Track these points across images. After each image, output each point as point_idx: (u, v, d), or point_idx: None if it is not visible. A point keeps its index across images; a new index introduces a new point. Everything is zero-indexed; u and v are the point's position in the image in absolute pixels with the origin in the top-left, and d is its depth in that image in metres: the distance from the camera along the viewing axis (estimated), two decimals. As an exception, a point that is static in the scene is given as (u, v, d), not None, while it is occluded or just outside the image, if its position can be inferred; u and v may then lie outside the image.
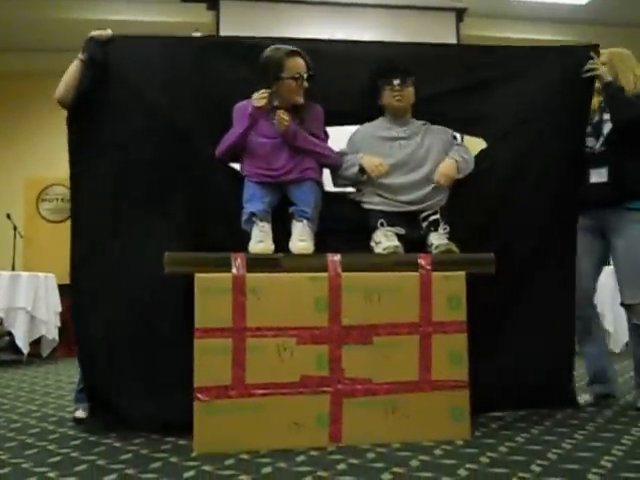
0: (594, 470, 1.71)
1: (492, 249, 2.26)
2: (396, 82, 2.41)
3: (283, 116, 2.23)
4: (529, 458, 1.84)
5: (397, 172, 2.38)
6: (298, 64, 2.29)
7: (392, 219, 2.34)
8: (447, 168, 2.37)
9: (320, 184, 2.38)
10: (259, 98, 2.23)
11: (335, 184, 2.52)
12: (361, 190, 2.44)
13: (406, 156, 2.40)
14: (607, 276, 4.40)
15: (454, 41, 5.63)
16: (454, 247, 2.26)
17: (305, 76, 2.29)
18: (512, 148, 2.50)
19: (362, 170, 2.37)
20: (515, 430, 2.20)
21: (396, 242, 2.26)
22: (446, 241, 2.27)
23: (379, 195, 2.39)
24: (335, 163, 2.44)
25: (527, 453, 1.90)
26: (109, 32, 2.37)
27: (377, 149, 2.41)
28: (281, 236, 2.22)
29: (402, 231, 2.32)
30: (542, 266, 2.49)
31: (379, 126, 2.50)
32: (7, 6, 5.42)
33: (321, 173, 2.40)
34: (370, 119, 2.52)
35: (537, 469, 1.73)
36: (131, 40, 2.43)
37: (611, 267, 4.54)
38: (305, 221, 2.24)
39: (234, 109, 2.36)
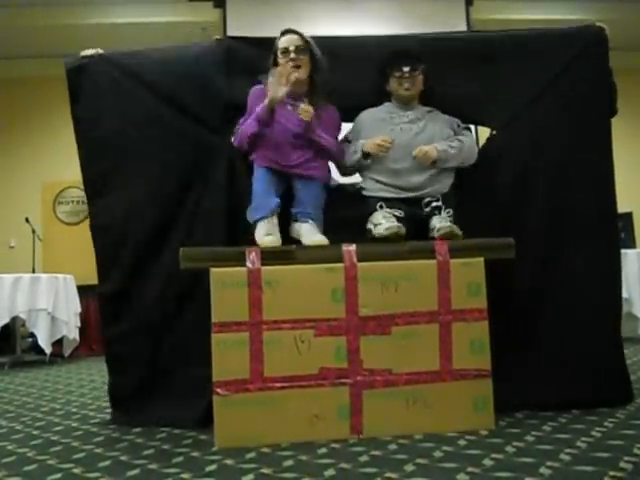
0: (626, 458, 1.65)
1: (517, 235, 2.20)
2: (406, 69, 2.37)
3: (307, 108, 2.21)
4: (557, 447, 1.79)
5: (396, 156, 2.34)
6: (286, 39, 2.30)
7: (392, 204, 2.30)
8: (428, 148, 2.30)
9: (327, 186, 2.35)
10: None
11: (342, 174, 2.50)
12: (362, 179, 2.42)
13: (406, 140, 2.35)
14: (635, 261, 4.30)
15: (464, 26, 5.56)
16: (457, 230, 2.19)
17: (292, 48, 2.27)
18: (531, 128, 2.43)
19: (365, 155, 2.34)
20: (541, 419, 2.14)
21: (396, 224, 2.20)
22: (449, 224, 2.21)
23: (378, 181, 2.36)
24: (338, 161, 2.43)
25: (555, 442, 1.85)
26: (99, 51, 2.44)
27: (378, 132, 2.37)
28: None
29: (402, 213, 2.27)
30: (579, 250, 2.38)
31: (383, 110, 2.46)
32: (24, 13, 5.51)
33: (329, 174, 2.39)
34: None
35: (566, 458, 1.68)
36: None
37: (638, 250, 4.46)
38: (310, 221, 2.22)
39: (250, 92, 2.34)
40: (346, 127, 2.51)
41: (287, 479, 1.60)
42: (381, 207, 2.29)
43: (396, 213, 2.27)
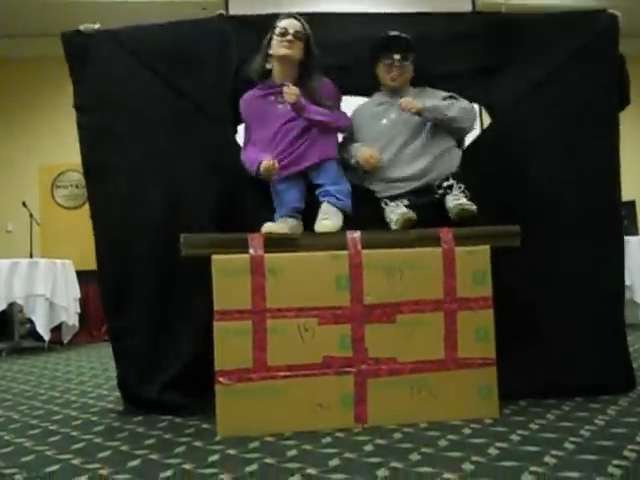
0: (630, 447, 1.64)
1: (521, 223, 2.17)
2: (397, 57, 2.32)
3: (291, 89, 2.16)
4: (562, 435, 1.78)
5: (394, 149, 2.31)
6: (288, 22, 2.26)
7: (400, 199, 2.28)
8: (409, 98, 2.26)
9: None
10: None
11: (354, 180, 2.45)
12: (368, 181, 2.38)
13: (399, 131, 2.31)
14: (637, 248, 4.28)
15: (469, 7, 5.46)
16: (469, 206, 2.14)
17: (292, 31, 2.23)
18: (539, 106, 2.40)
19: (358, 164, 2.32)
20: (545, 407, 2.14)
21: (403, 211, 2.19)
22: (461, 201, 2.17)
23: (383, 180, 2.32)
24: (345, 127, 2.38)
25: (559, 430, 1.84)
26: (97, 26, 2.38)
27: (370, 130, 2.35)
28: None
29: (406, 202, 2.25)
30: (583, 237, 2.36)
31: (374, 103, 2.43)
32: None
33: (337, 145, 2.35)
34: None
35: (570, 446, 1.67)
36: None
37: (638, 237, 4.44)
38: (327, 199, 2.20)
39: (241, 102, 2.31)
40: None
41: (291, 469, 1.58)
42: (386, 204, 2.28)
43: (400, 203, 2.25)
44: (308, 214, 2.24)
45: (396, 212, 2.21)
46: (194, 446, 1.84)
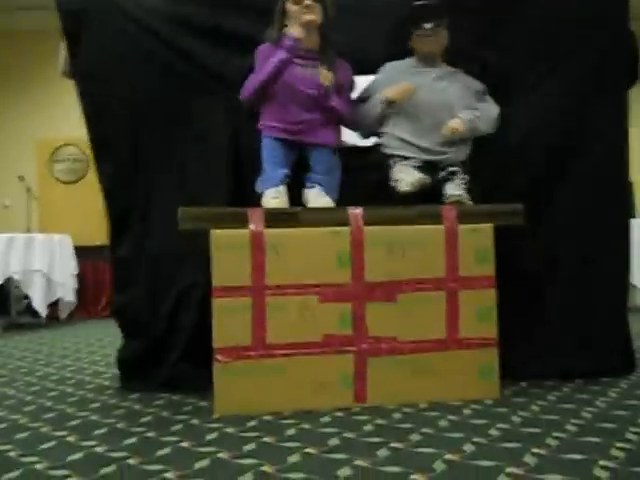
0: (632, 429, 1.63)
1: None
2: (428, 26, 2.24)
3: (327, 73, 2.12)
4: (563, 417, 1.76)
5: (419, 113, 2.23)
6: None
7: (409, 162, 2.22)
8: (455, 124, 2.19)
9: (338, 149, 2.27)
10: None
11: (362, 136, 2.39)
12: (381, 136, 2.31)
13: (428, 99, 2.24)
14: (636, 231, 4.23)
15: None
16: (465, 200, 2.12)
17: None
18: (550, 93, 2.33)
19: (388, 103, 2.21)
20: (545, 388, 2.13)
21: (418, 174, 2.12)
22: (459, 192, 2.13)
23: (399, 138, 2.25)
24: (350, 125, 2.33)
25: (560, 412, 1.83)
26: None
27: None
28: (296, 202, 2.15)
29: (419, 162, 2.19)
30: (588, 220, 2.32)
31: (406, 64, 2.34)
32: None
33: (340, 138, 2.30)
34: None
35: (572, 428, 1.66)
36: None
37: (637, 220, 4.40)
38: (318, 187, 2.15)
39: (257, 51, 2.22)
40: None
41: (290, 448, 1.56)
42: (394, 163, 2.21)
43: (413, 163, 2.19)
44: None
45: (410, 173, 2.14)
46: (191, 424, 1.82)
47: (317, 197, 2.14)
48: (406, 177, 2.12)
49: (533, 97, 2.34)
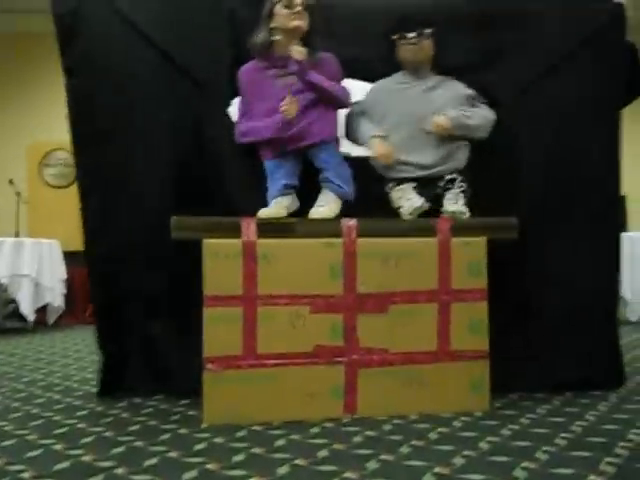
0: (621, 444, 1.63)
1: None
2: (411, 35, 2.26)
3: (298, 47, 2.10)
4: (552, 430, 1.77)
5: (411, 129, 2.24)
6: None
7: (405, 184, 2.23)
8: (441, 120, 2.19)
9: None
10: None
11: (351, 141, 2.38)
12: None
13: (417, 112, 2.24)
14: (626, 244, 4.28)
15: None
16: (462, 215, 2.11)
17: (299, 1, 2.14)
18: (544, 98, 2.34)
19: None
20: (535, 401, 2.13)
21: (416, 201, 2.13)
22: (455, 207, 2.13)
23: (394, 160, 2.25)
24: (345, 101, 2.28)
25: (550, 425, 1.83)
26: None
27: (386, 106, 2.28)
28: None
29: (413, 184, 2.20)
30: (578, 231, 2.33)
31: (394, 81, 2.35)
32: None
33: (336, 129, 2.27)
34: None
35: (562, 442, 1.66)
36: None
37: (627, 234, 4.44)
38: (327, 186, 2.15)
39: (239, 74, 2.22)
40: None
41: (279, 460, 1.55)
42: (390, 187, 2.23)
43: (411, 185, 2.20)
44: (308, 196, 2.18)
45: (409, 199, 2.15)
46: (180, 434, 1.80)
47: (320, 202, 2.14)
48: (406, 204, 2.14)
49: (524, 111, 2.34)
